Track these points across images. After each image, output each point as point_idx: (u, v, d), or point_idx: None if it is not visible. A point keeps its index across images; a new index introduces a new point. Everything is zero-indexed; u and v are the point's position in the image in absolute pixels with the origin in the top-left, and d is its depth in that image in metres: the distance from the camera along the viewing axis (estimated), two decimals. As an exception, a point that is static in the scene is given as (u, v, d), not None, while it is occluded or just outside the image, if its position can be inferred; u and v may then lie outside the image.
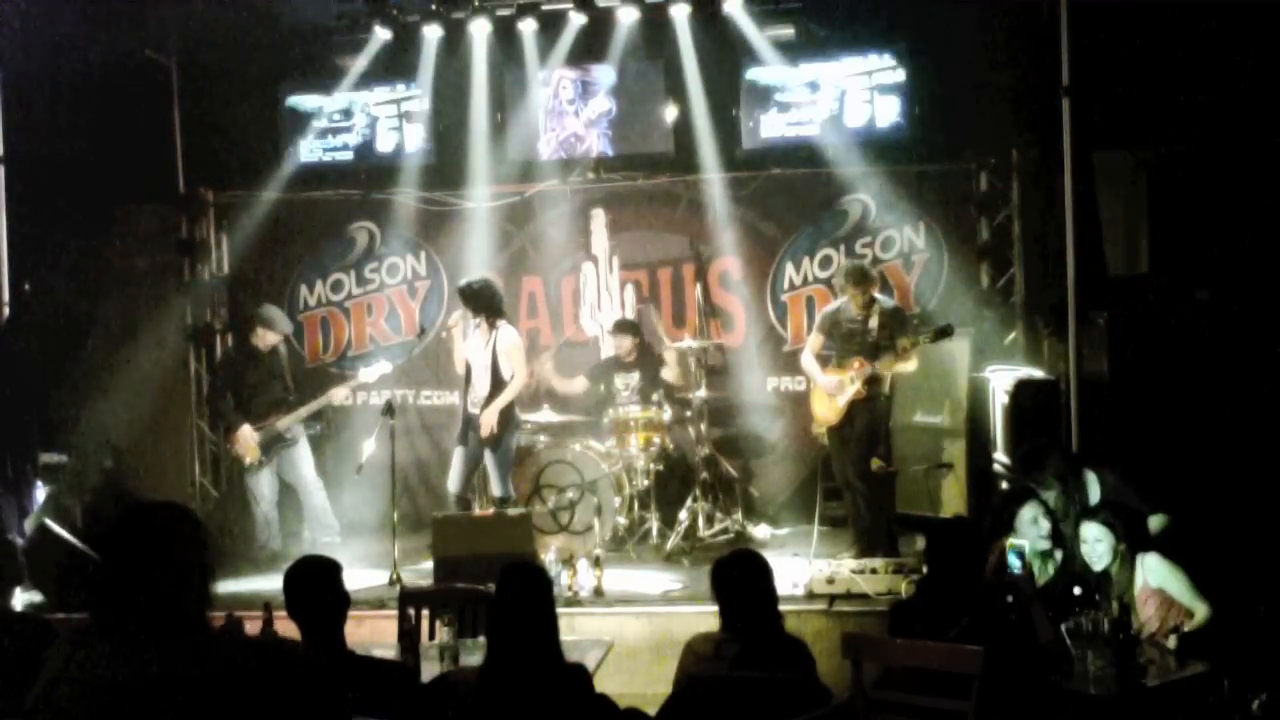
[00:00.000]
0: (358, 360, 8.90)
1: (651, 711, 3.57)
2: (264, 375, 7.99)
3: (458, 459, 7.52)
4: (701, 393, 7.97)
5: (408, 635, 4.89)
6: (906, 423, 8.00)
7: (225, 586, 3.02)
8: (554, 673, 3.40)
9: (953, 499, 7.68)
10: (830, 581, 6.33)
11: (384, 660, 3.85)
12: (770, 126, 8.50)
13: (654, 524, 7.81)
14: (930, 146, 8.38)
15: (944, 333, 7.09)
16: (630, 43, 8.50)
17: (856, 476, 7.22)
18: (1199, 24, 7.04)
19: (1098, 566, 4.91)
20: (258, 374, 7.97)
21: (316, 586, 3.71)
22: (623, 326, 8.36)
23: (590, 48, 8.59)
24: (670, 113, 8.63)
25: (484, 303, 7.37)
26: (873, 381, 7.09)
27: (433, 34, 8.51)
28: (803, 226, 8.74)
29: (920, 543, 7.47)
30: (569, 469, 7.61)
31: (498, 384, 7.36)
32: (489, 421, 7.30)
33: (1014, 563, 4.63)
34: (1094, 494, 5.78)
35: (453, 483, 7.53)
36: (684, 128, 8.60)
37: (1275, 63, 6.88)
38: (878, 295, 7.29)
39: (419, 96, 8.75)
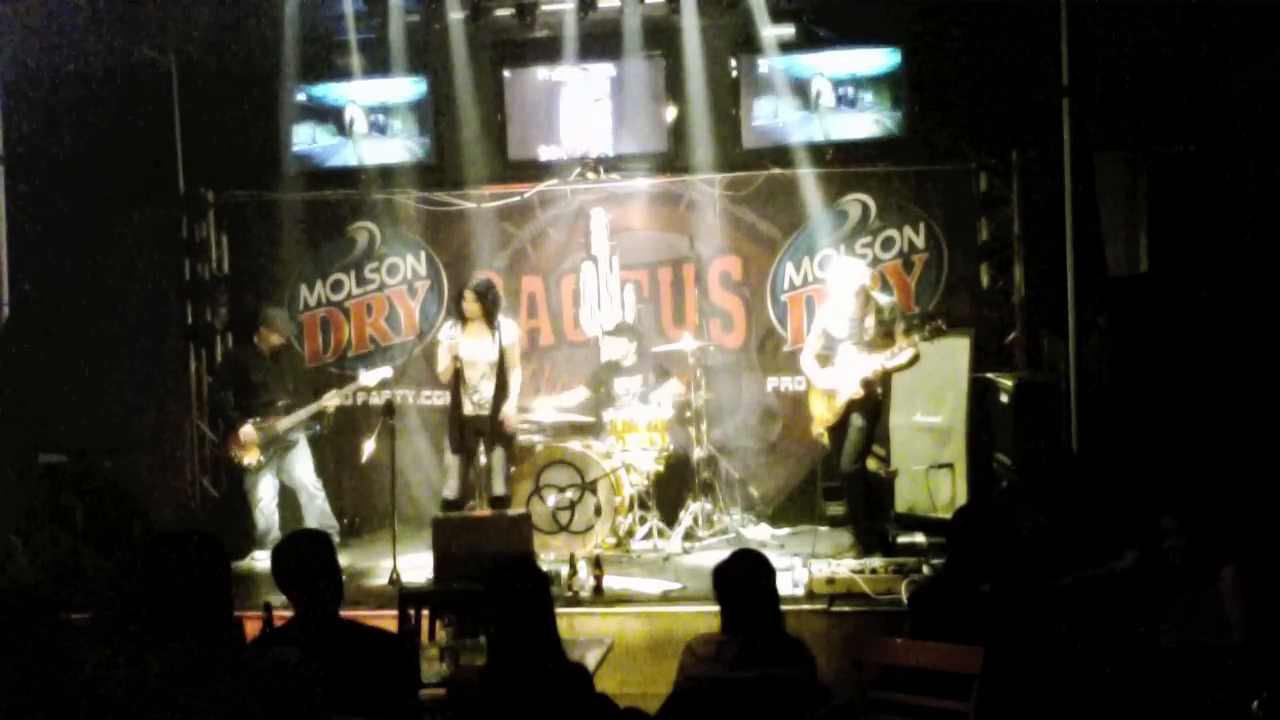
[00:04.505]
0: (358, 361, 8.90)
1: (651, 711, 3.56)
2: (266, 376, 7.99)
3: (455, 466, 7.52)
4: (701, 393, 7.97)
5: (408, 635, 4.89)
6: (906, 423, 8.01)
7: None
8: (555, 672, 3.40)
9: (953, 499, 7.68)
10: (830, 581, 6.33)
11: (381, 630, 3.85)
12: (770, 126, 8.49)
13: (654, 524, 7.81)
14: (930, 146, 8.38)
15: (936, 332, 7.05)
16: (631, 42, 8.50)
17: (854, 476, 7.22)
18: (1199, 24, 7.04)
19: None
20: (260, 374, 7.98)
21: (310, 560, 3.66)
22: (621, 330, 8.35)
23: (590, 48, 8.59)
24: (670, 112, 8.63)
25: (493, 303, 7.46)
26: (871, 383, 7.09)
27: (433, 34, 8.51)
28: (803, 226, 8.73)
29: (920, 543, 7.50)
30: (569, 469, 7.61)
31: (504, 381, 7.39)
32: (512, 419, 7.48)
33: None
34: None
35: (450, 490, 7.52)
36: (684, 127, 8.60)
37: (1275, 63, 6.88)
38: (874, 293, 7.30)
39: (419, 96, 8.74)
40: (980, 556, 4.48)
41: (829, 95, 8.39)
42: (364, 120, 8.87)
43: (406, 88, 8.77)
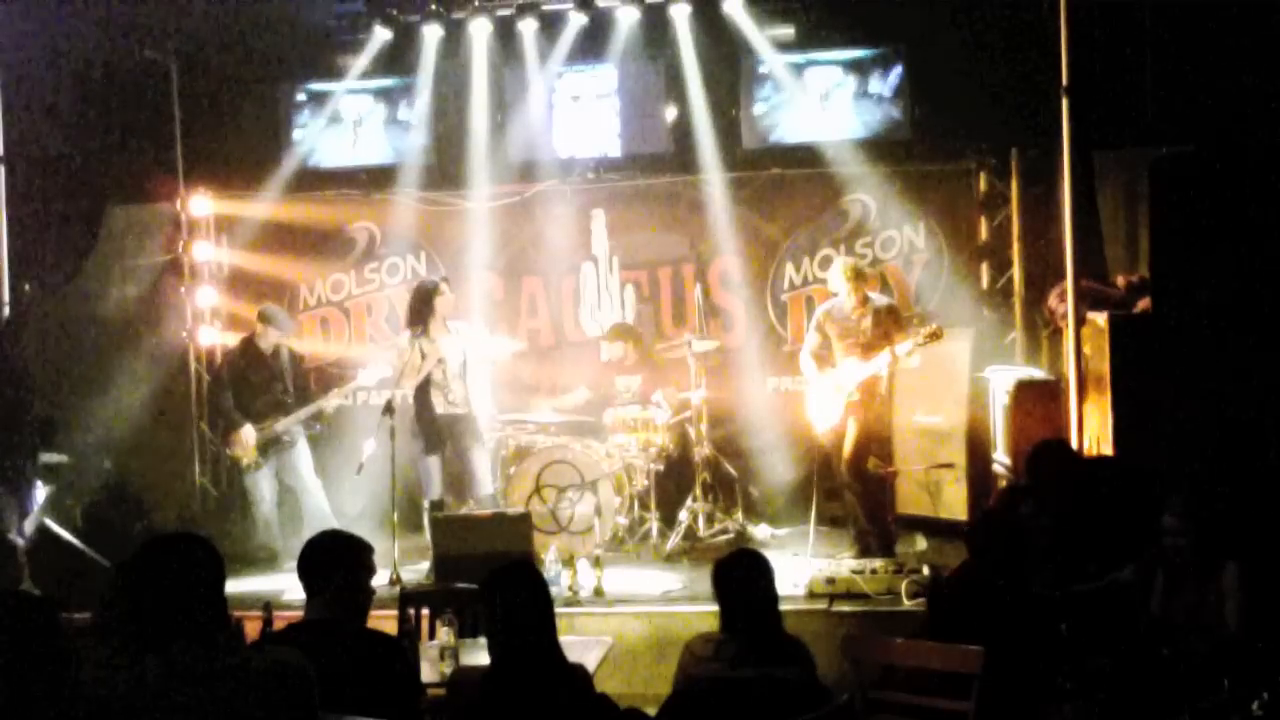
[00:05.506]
0: (358, 361, 8.89)
1: (651, 711, 3.56)
2: (265, 376, 7.97)
3: (434, 468, 7.48)
4: (701, 393, 7.97)
5: (408, 635, 4.89)
6: (906, 423, 8.00)
7: (226, 587, 3.05)
8: (556, 673, 3.39)
9: (953, 499, 7.68)
10: (830, 581, 6.32)
11: (380, 633, 3.81)
12: (770, 126, 8.50)
13: (654, 524, 7.80)
14: (930, 146, 8.39)
15: (933, 337, 7.05)
16: (630, 42, 8.51)
17: (853, 477, 7.22)
18: (1199, 24, 7.04)
19: None
20: (259, 374, 7.97)
21: (321, 562, 3.64)
22: (617, 332, 8.33)
23: (590, 48, 8.60)
24: (670, 112, 8.64)
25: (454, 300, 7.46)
26: (869, 383, 7.08)
27: (432, 34, 8.52)
28: (803, 226, 8.74)
29: (920, 543, 7.51)
30: (569, 469, 7.60)
31: (471, 378, 7.43)
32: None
33: None
34: None
35: (436, 491, 7.48)
36: (684, 127, 8.61)
37: (1276, 63, 6.88)
38: (871, 294, 7.29)
39: (419, 96, 8.75)
40: (992, 555, 4.50)
41: (829, 95, 8.39)
42: (364, 120, 8.87)
43: (407, 88, 8.77)
